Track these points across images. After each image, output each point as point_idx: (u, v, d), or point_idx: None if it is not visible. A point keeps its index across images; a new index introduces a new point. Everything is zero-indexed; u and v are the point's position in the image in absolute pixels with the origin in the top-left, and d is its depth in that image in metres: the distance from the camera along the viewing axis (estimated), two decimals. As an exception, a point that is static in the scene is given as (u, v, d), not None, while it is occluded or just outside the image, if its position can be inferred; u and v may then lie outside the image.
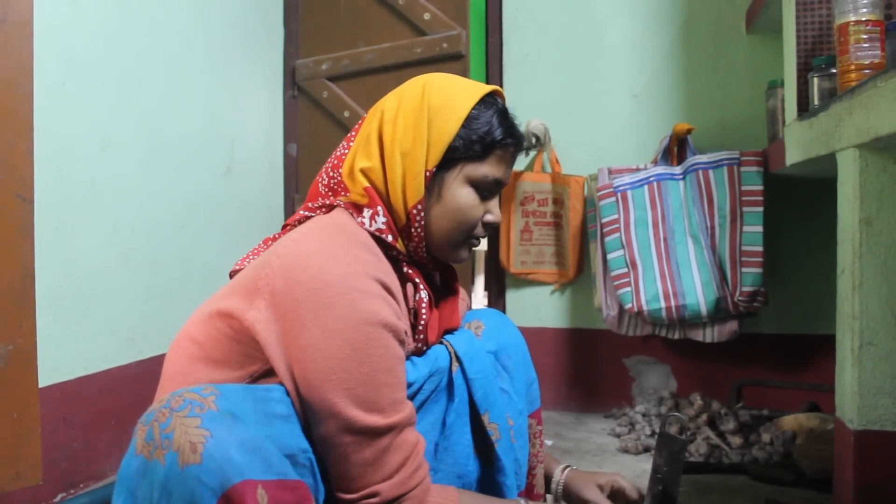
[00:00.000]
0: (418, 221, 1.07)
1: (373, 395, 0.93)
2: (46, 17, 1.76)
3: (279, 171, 3.00)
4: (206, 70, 2.48)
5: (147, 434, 0.82)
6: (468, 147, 1.07)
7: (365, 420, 0.92)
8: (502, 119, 1.10)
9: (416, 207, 1.06)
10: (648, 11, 2.61)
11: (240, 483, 0.78)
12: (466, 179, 1.08)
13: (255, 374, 0.97)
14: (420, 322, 1.09)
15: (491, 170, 1.09)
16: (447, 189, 1.08)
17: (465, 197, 1.09)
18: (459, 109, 1.07)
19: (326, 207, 1.11)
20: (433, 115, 1.06)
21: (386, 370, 0.94)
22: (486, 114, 1.09)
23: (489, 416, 1.13)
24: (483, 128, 1.07)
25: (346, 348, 0.91)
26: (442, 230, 1.09)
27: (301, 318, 0.92)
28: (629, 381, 2.62)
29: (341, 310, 0.92)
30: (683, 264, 2.28)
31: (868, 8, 1.41)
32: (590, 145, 2.65)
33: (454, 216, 1.08)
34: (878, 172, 1.31)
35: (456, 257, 1.13)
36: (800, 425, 1.92)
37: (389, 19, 2.84)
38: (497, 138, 1.08)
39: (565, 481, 1.29)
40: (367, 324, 0.93)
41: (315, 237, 0.99)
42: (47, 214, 1.76)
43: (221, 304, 1.00)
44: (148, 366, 2.10)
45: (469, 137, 1.07)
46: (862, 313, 1.32)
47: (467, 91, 1.09)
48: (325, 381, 0.91)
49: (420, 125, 1.06)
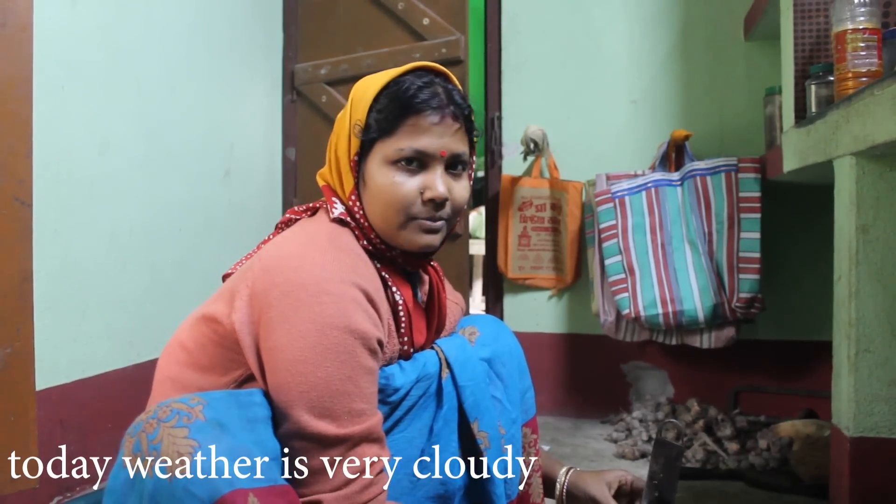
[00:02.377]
0: (357, 211, 1.07)
1: (326, 401, 0.90)
2: (46, 21, 1.76)
3: (278, 176, 3.00)
4: (206, 74, 2.48)
5: (135, 445, 0.82)
6: (378, 124, 1.04)
7: (314, 426, 0.90)
8: (414, 87, 1.04)
9: (351, 197, 1.07)
10: (647, 18, 2.62)
11: (230, 493, 0.78)
12: (383, 159, 1.04)
13: (238, 379, 0.97)
14: (401, 324, 1.07)
15: (405, 141, 1.03)
16: (368, 173, 1.06)
17: (384, 176, 1.04)
18: (370, 91, 1.06)
19: (311, 210, 1.13)
20: (352, 105, 1.08)
21: (345, 377, 0.92)
22: (398, 88, 1.05)
23: (479, 424, 1.12)
24: (391, 100, 1.04)
25: (306, 350, 0.90)
26: (378, 215, 1.05)
27: (272, 321, 0.92)
28: (626, 386, 2.62)
29: (309, 313, 0.91)
30: (681, 270, 2.29)
31: (865, 16, 1.42)
32: (588, 151, 2.65)
33: (380, 198, 1.04)
34: (875, 180, 1.31)
35: (411, 241, 1.06)
36: (796, 432, 1.92)
37: (388, 24, 2.84)
38: (404, 104, 1.03)
39: (570, 482, 1.29)
40: (333, 328, 0.91)
41: (296, 240, 1.00)
42: (46, 217, 1.76)
43: (207, 309, 1.01)
44: (145, 369, 2.10)
45: (379, 115, 1.05)
46: (858, 320, 1.32)
47: (385, 74, 1.08)
48: (283, 382, 0.91)
49: (344, 118, 1.09)
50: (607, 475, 1.27)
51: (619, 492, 1.26)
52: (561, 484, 1.29)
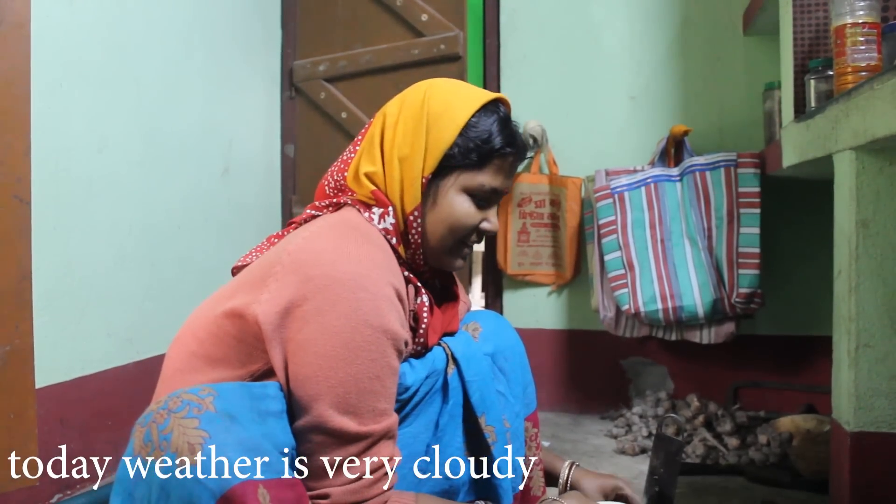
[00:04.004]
0: (415, 227, 1.07)
1: (353, 398, 0.91)
2: (44, 18, 1.76)
3: (276, 172, 3.00)
4: (204, 71, 2.47)
5: (145, 435, 0.82)
6: (465, 155, 1.06)
7: (337, 422, 0.90)
8: (503, 128, 1.08)
9: (413, 213, 1.07)
10: (646, 13, 2.61)
11: (240, 484, 0.78)
12: (462, 188, 1.08)
13: (256, 373, 0.96)
14: (421, 325, 1.08)
15: (488, 179, 1.08)
16: (443, 197, 1.07)
17: (461, 205, 1.08)
18: (458, 117, 1.06)
19: (334, 206, 1.11)
20: (432, 122, 1.06)
21: (373, 376, 0.93)
22: (486, 122, 1.08)
23: (486, 418, 1.13)
24: (481, 136, 1.06)
25: (339, 347, 0.91)
26: (437, 237, 1.08)
27: (305, 314, 0.92)
28: (626, 382, 2.62)
29: (345, 308, 0.91)
30: (680, 266, 2.29)
31: (865, 10, 1.42)
32: (587, 147, 2.65)
33: (449, 223, 1.08)
34: (875, 174, 1.31)
35: (450, 264, 1.13)
36: (796, 427, 1.92)
37: (387, 20, 2.84)
38: (495, 147, 1.07)
39: (572, 480, 1.30)
40: (368, 326, 0.92)
41: (328, 234, 0.99)
42: (44, 215, 1.76)
43: (228, 305, 0.98)
44: (145, 367, 2.10)
45: (466, 146, 1.06)
46: (858, 315, 1.32)
47: (468, 98, 1.09)
48: (310, 376, 0.91)
49: (419, 132, 1.06)
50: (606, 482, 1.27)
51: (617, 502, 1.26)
52: (564, 478, 1.30)
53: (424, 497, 1.00)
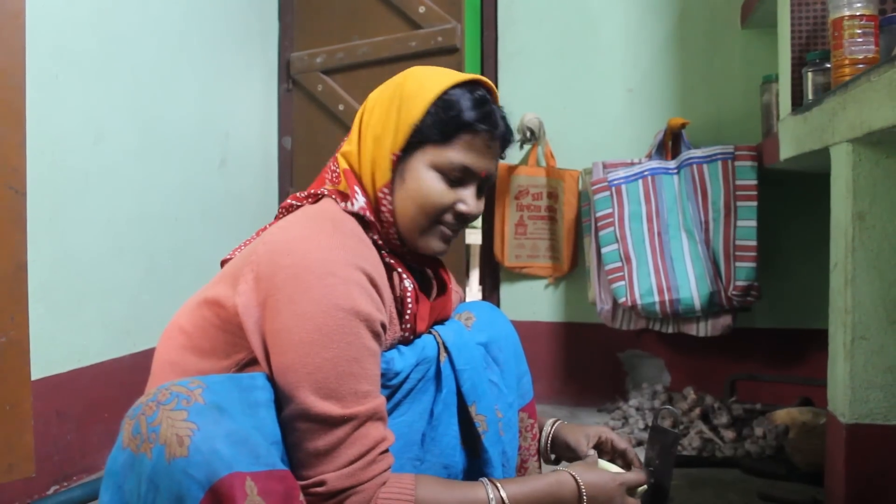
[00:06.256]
0: (385, 205, 1.07)
1: (332, 382, 0.91)
2: (39, 9, 1.75)
3: (273, 165, 2.99)
4: (201, 63, 2.47)
5: (134, 428, 0.82)
6: (432, 129, 1.05)
7: (320, 407, 0.90)
8: (476, 104, 1.07)
9: (383, 190, 1.07)
10: (643, 6, 2.61)
11: (227, 476, 0.78)
12: (431, 164, 1.07)
13: (241, 363, 0.97)
14: (406, 310, 1.08)
15: (457, 155, 1.07)
16: (410, 172, 1.07)
17: (429, 181, 1.07)
18: (429, 93, 1.06)
19: (314, 196, 1.12)
20: (403, 101, 1.07)
21: (351, 359, 0.92)
22: (457, 96, 1.07)
23: (476, 407, 1.13)
24: (450, 110, 1.06)
25: (313, 332, 0.91)
26: (408, 215, 1.07)
27: (278, 303, 0.92)
28: (623, 374, 2.62)
29: (316, 294, 0.92)
30: (677, 259, 2.29)
31: (862, 3, 1.42)
32: (584, 139, 2.65)
33: (418, 201, 1.07)
34: (872, 167, 1.31)
35: (427, 245, 1.10)
36: (792, 419, 1.92)
37: (384, 12, 2.83)
38: (464, 121, 1.06)
39: (554, 432, 1.30)
40: (339, 309, 0.92)
41: (302, 224, 1.00)
42: (40, 206, 1.75)
43: (209, 293, 1.01)
44: (142, 358, 2.10)
45: (434, 120, 1.05)
46: (854, 308, 1.32)
47: (443, 78, 1.08)
48: (289, 364, 0.91)
49: (391, 110, 1.07)
50: (588, 429, 1.28)
51: (601, 448, 1.26)
52: (546, 434, 1.31)
53: (425, 477, 0.99)
